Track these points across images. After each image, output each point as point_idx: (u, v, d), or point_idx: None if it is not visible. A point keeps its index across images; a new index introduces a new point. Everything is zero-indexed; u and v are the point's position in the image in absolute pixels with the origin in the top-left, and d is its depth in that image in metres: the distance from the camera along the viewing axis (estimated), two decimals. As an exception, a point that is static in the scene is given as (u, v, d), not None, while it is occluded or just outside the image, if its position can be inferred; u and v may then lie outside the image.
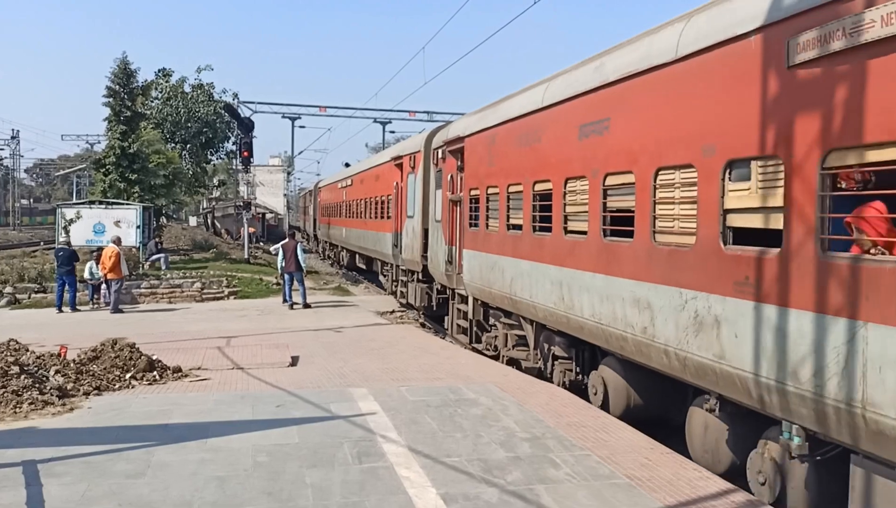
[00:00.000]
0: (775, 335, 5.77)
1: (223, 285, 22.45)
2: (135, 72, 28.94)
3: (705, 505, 5.84)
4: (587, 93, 9.30)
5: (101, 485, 6.15)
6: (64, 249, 19.40)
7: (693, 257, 6.93)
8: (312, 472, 6.50)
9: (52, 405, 8.69)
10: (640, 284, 7.87)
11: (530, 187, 11.07)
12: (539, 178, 10.79)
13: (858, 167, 5.28)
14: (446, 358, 12.31)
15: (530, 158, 11.26)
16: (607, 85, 8.76)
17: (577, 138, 9.56)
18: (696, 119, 7.02)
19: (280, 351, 12.37)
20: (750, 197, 6.28)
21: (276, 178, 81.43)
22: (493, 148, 13.06)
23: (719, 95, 6.64)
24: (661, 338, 7.43)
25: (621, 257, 8.32)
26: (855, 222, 5.33)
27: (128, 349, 10.69)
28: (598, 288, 8.84)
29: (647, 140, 7.83)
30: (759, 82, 6.10)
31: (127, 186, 27.80)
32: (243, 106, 49.56)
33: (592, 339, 9.20)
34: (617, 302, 8.37)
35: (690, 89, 7.15)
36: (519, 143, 11.80)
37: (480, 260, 13.55)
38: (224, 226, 55.25)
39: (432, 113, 64.74)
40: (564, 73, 10.58)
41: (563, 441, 7.46)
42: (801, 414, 5.59)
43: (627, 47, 8.69)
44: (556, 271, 10.07)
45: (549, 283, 10.29)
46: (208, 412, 8.61)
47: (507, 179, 12.19)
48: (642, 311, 7.81)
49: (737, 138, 6.34)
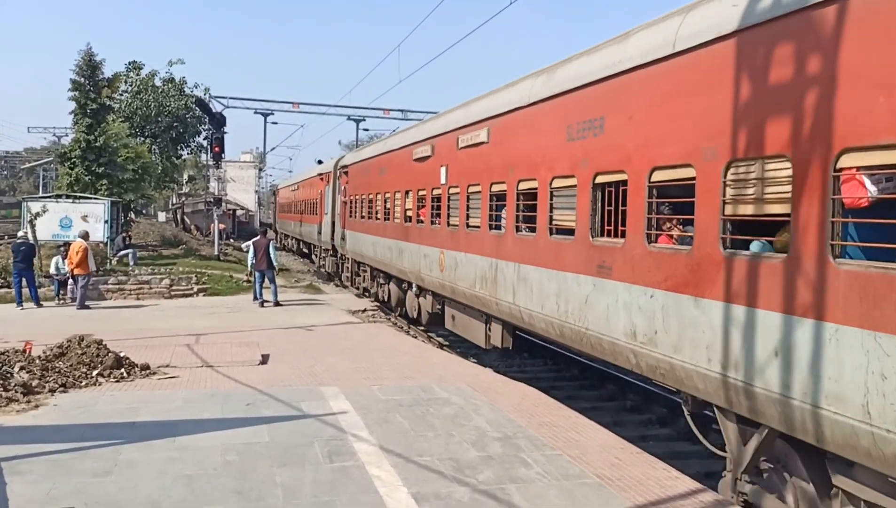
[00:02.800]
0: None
1: (192, 282, 22.21)
2: (100, 64, 28.43)
3: (674, 505, 5.90)
4: (403, 147, 18.17)
5: (67, 484, 6.05)
6: (25, 243, 19.04)
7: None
8: (283, 471, 6.46)
9: (16, 403, 8.53)
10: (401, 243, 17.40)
11: (381, 196, 20.32)
12: (383, 190, 20.03)
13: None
14: (418, 357, 12.30)
15: (379, 179, 20.72)
16: (426, 139, 16.16)
17: (409, 164, 17.30)
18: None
19: (250, 349, 12.27)
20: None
21: (248, 174, 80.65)
22: (362, 173, 23.63)
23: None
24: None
25: (414, 231, 16.66)
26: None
27: (95, 345, 10.53)
28: (400, 249, 17.86)
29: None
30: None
31: (93, 180, 27.37)
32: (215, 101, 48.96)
33: (398, 274, 18.48)
34: (406, 255, 17.30)
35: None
36: (376, 170, 21.48)
37: (354, 236, 24.46)
38: (194, 222, 54.61)
39: (407, 111, 64.65)
40: (392, 136, 22.18)
41: (535, 441, 7.50)
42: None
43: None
44: (390, 241, 18.94)
45: (385, 249, 19.47)
46: (177, 410, 8.52)
47: (367, 191, 22.32)
48: (424, 258, 15.86)
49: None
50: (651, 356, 7.25)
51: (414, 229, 16.57)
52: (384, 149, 20.65)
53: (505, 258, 11.22)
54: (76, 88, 27.91)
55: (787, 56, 5.64)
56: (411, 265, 16.79)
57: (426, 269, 15.56)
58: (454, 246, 13.70)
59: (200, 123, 37.37)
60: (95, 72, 28.25)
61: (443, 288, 14.54)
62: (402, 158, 17.98)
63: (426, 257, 15.55)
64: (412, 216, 16.85)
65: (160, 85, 36.53)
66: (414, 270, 16.58)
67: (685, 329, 6.72)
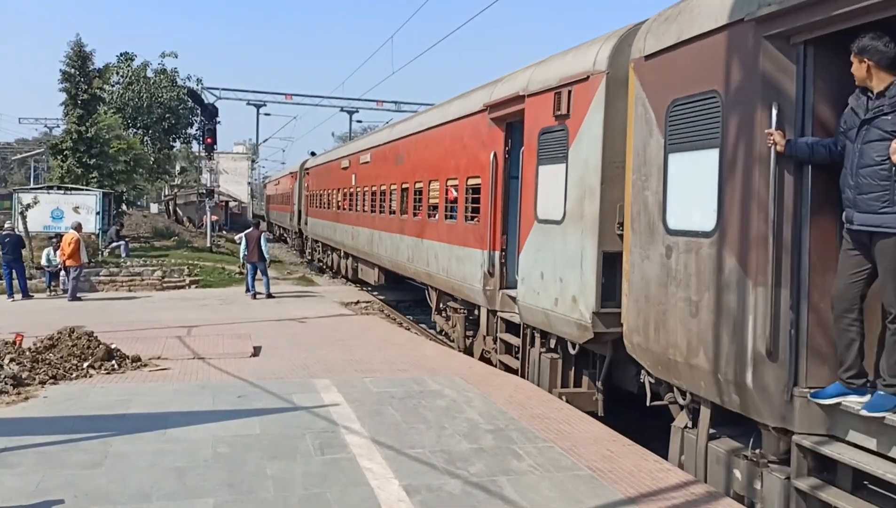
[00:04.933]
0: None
1: (185, 274, 22.16)
2: (90, 54, 28.28)
3: (665, 496, 5.90)
4: (337, 159, 26.72)
5: (57, 476, 6.01)
6: (10, 235, 18.93)
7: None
8: (274, 463, 6.44)
9: (6, 394, 8.48)
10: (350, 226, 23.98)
11: (326, 192, 28.62)
12: (327, 187, 28.24)
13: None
14: (411, 349, 12.29)
15: (326, 180, 28.93)
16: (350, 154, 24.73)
17: (339, 171, 25.64)
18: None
19: (242, 341, 12.24)
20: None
21: (241, 165, 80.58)
22: (317, 174, 32.16)
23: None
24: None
25: (342, 216, 24.73)
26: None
27: (86, 337, 10.48)
28: (335, 228, 26.38)
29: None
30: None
31: (85, 172, 27.23)
32: (207, 92, 48.80)
33: (335, 246, 26.66)
34: (338, 232, 25.67)
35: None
36: (324, 173, 29.62)
37: (312, 221, 32.71)
38: (186, 214, 54.41)
39: (400, 103, 64.56)
40: (334, 150, 32.64)
41: (527, 433, 7.49)
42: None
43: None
44: (331, 223, 26.89)
45: (329, 229, 27.43)
46: (168, 402, 8.48)
47: (319, 187, 30.75)
48: (345, 233, 24.37)
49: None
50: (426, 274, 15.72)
51: (342, 215, 25.01)
52: (328, 159, 30.20)
53: (377, 229, 19.39)
54: (66, 79, 27.75)
55: (452, 137, 13.74)
56: (341, 239, 25.40)
57: (347, 240, 23.99)
58: (358, 224, 22.15)
59: (193, 114, 37.20)
60: (86, 62, 28.09)
61: (356, 251, 22.64)
62: (336, 166, 26.53)
63: (346, 233, 24.18)
64: (341, 206, 25.33)
65: (152, 76, 36.32)
66: (341, 241, 25.25)
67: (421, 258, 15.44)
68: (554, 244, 9.26)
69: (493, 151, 11.53)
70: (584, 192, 8.56)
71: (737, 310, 5.77)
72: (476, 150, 12.30)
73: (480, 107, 12.05)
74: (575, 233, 8.74)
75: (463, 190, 12.86)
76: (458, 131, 13.35)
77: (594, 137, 8.39)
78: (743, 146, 5.80)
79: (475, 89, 13.26)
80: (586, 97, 8.59)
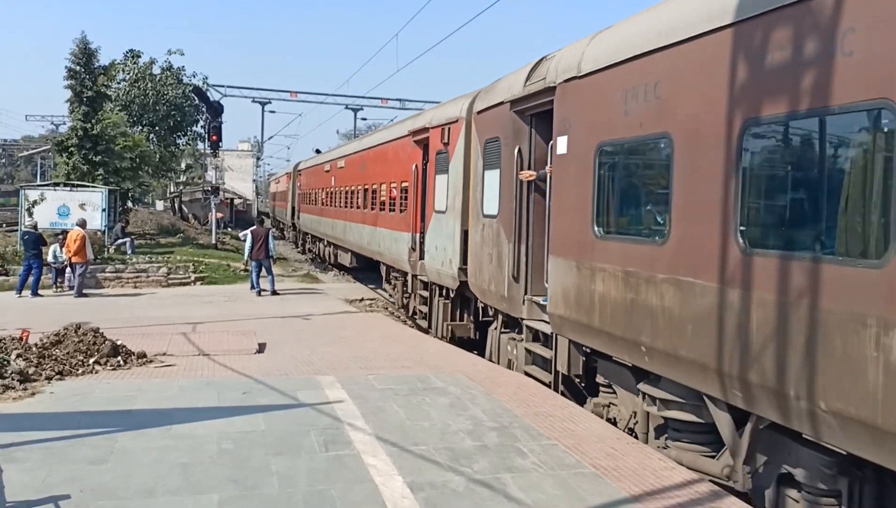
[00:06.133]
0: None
1: (190, 271, 22.20)
2: (95, 52, 28.33)
3: (670, 495, 5.90)
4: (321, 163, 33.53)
5: (63, 471, 6.05)
6: (30, 232, 19.01)
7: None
8: (278, 460, 6.46)
9: (12, 390, 8.52)
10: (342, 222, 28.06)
11: (313, 190, 34.89)
12: (315, 187, 34.62)
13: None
14: (414, 347, 12.31)
15: (313, 180, 35.31)
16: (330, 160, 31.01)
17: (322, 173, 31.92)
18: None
19: (247, 338, 12.27)
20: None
21: (246, 163, 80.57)
22: (307, 175, 38.18)
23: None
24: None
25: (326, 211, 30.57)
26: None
27: (92, 333, 10.52)
28: (320, 221, 32.32)
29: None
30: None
31: (91, 169, 27.29)
32: (213, 89, 48.84)
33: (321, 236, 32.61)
34: (322, 225, 31.53)
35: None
36: (312, 174, 35.94)
37: (304, 216, 38.44)
38: (191, 211, 54.57)
39: (405, 101, 64.47)
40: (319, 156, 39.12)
41: (530, 431, 7.50)
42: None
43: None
44: (318, 218, 32.93)
45: (316, 222, 33.37)
46: (173, 398, 8.52)
47: (309, 187, 36.87)
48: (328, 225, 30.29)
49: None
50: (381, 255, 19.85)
51: (325, 210, 30.44)
52: (315, 163, 36.07)
53: (349, 221, 24.78)
54: (72, 77, 27.80)
55: (392, 152, 18.99)
56: (324, 230, 30.80)
57: (328, 231, 29.56)
58: (336, 217, 27.64)
59: (198, 111, 37.21)
60: (91, 60, 28.15)
61: (335, 239, 28.17)
62: (321, 169, 32.37)
63: (328, 225, 29.68)
64: (324, 203, 30.66)
65: (158, 73, 36.35)
66: (324, 232, 30.77)
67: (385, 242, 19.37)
68: (441, 226, 14.11)
69: (415, 163, 16.12)
70: (455, 192, 13.29)
71: (504, 257, 10.76)
72: (406, 162, 16.96)
73: (407, 133, 17.11)
74: (451, 219, 13.52)
75: (399, 191, 17.87)
76: (395, 148, 18.51)
77: (459, 158, 13.18)
78: (508, 168, 10.66)
79: (407, 119, 19.40)
80: (457, 132, 13.40)
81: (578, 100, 8.62)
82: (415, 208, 15.93)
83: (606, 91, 7.95)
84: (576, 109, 8.68)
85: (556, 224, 9.15)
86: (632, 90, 7.38)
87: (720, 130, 6.00)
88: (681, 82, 6.65)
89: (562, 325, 8.93)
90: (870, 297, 4.60)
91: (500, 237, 10.72)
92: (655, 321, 6.83)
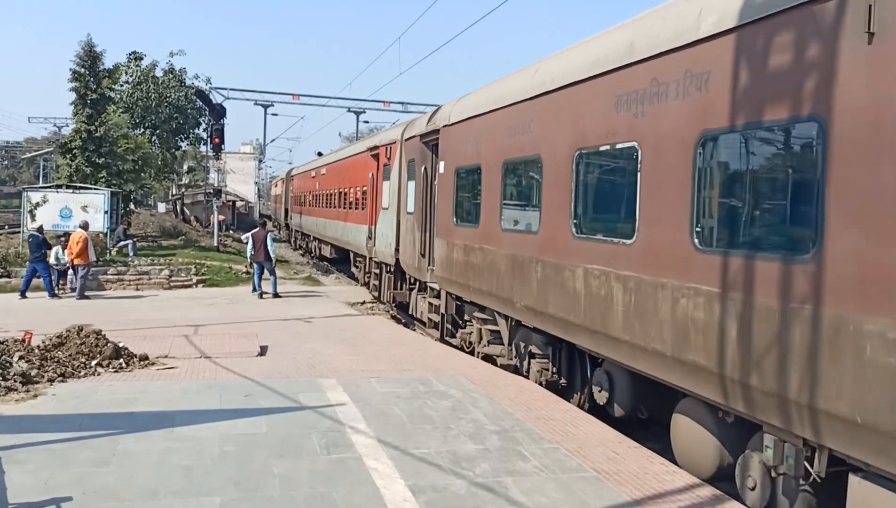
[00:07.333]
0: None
1: (192, 273, 22.21)
2: (100, 54, 28.38)
3: (671, 499, 5.91)
4: (310, 169, 39.16)
5: (65, 473, 6.06)
6: (34, 235, 19.03)
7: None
8: (280, 462, 6.47)
9: (15, 392, 8.54)
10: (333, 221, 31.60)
11: (303, 193, 41.08)
12: (304, 190, 40.47)
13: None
14: (416, 350, 12.32)
15: (303, 183, 41.20)
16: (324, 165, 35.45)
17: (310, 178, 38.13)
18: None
19: (249, 341, 12.28)
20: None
21: (248, 165, 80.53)
22: (297, 179, 44.67)
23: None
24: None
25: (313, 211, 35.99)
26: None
27: (94, 335, 10.53)
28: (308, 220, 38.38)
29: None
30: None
31: (93, 171, 27.32)
32: (215, 92, 48.90)
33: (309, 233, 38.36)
34: (311, 223, 37.17)
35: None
36: (302, 178, 41.95)
37: (295, 216, 44.67)
38: (193, 213, 54.51)
39: (407, 104, 64.45)
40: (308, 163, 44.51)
41: (532, 434, 7.51)
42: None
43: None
44: (307, 217, 38.69)
45: (305, 221, 39.56)
46: (175, 400, 8.53)
47: (300, 190, 42.86)
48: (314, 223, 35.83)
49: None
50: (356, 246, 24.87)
51: (312, 211, 35.84)
52: (304, 169, 41.93)
53: (329, 219, 29.77)
54: (76, 79, 27.83)
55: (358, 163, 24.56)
56: (311, 227, 36.60)
57: (314, 228, 35.18)
58: (319, 216, 32.81)
59: (200, 114, 37.21)
60: (96, 62, 28.18)
61: (319, 235, 33.50)
62: (308, 175, 38.16)
63: (314, 223, 35.09)
64: (311, 204, 36.27)
65: (161, 76, 36.34)
66: (310, 229, 36.65)
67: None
68: (385, 220, 19.10)
69: (371, 172, 21.36)
70: (393, 195, 18.13)
71: (416, 241, 15.61)
72: (365, 171, 22.34)
73: (365, 148, 22.66)
74: (391, 214, 18.34)
75: (360, 193, 23.30)
76: (360, 160, 23.56)
77: (395, 170, 18.08)
78: (420, 180, 15.47)
79: (367, 136, 28.11)
80: (395, 151, 18.30)
81: (449, 139, 13.52)
82: (371, 207, 21.33)
83: (462, 135, 12.84)
84: (448, 144, 13.57)
85: (438, 216, 14.20)
86: (473, 136, 12.21)
87: (497, 165, 11.03)
88: (486, 135, 11.62)
89: (441, 282, 13.99)
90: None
91: (415, 227, 15.73)
92: (476, 272, 11.78)
